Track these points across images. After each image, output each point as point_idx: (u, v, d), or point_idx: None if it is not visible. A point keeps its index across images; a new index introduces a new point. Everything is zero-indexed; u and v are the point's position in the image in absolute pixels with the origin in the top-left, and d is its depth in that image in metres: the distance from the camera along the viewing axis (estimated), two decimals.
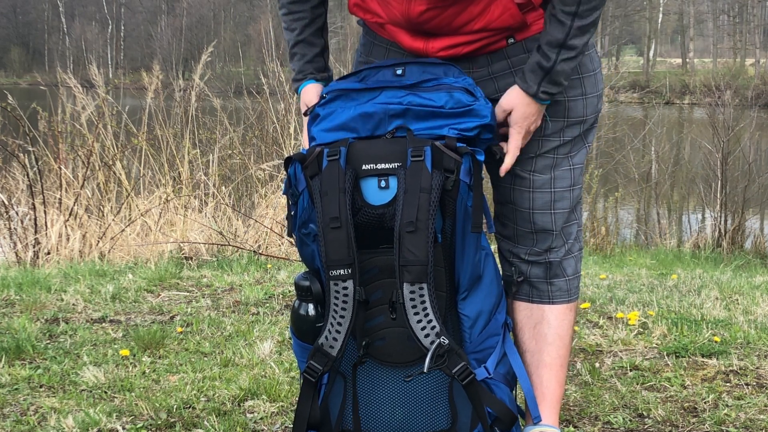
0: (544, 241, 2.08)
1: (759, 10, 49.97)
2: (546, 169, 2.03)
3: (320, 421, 1.99)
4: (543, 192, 2.04)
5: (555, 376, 2.11)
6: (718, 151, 10.04)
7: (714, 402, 2.62)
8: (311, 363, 1.92)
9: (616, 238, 9.51)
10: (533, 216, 2.05)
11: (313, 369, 1.93)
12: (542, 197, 2.04)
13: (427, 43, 1.98)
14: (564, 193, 2.05)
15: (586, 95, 2.02)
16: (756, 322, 3.45)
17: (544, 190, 2.04)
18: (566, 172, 2.05)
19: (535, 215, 2.05)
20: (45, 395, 2.75)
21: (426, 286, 1.84)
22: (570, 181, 2.06)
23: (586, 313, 3.67)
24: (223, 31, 54.84)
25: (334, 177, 1.86)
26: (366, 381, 1.98)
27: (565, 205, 2.06)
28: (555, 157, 2.03)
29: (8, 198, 6.36)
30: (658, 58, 52.43)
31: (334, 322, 1.89)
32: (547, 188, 2.04)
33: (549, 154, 2.03)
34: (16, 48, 58.34)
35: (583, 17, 1.87)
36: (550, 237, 2.07)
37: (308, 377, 1.94)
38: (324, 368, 1.92)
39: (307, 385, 1.95)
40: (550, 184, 2.04)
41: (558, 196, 2.05)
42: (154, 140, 7.05)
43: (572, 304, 2.14)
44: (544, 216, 2.05)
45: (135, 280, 4.40)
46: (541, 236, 2.07)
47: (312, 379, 1.94)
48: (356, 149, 1.91)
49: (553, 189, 2.04)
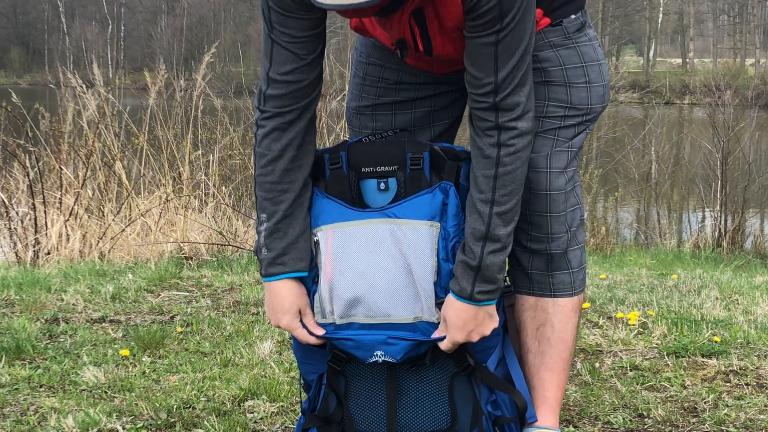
0: (540, 224, 2.04)
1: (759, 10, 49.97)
2: (543, 148, 2.00)
3: (323, 420, 1.99)
4: (539, 171, 2.00)
5: (556, 379, 2.10)
6: (718, 151, 10.04)
7: (714, 402, 2.62)
8: (335, 352, 1.93)
9: (616, 238, 9.50)
10: (529, 196, 2.01)
11: (338, 357, 1.94)
12: (537, 177, 2.01)
13: (431, 66, 2.01)
14: (560, 174, 2.01)
15: (590, 83, 2.00)
16: (756, 322, 3.45)
17: (539, 169, 2.00)
18: (563, 152, 2.02)
19: (530, 195, 2.01)
20: (45, 395, 2.75)
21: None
22: (565, 162, 2.02)
23: (586, 313, 3.67)
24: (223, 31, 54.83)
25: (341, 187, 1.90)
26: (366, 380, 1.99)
27: (560, 185, 2.01)
28: (555, 139, 2.01)
29: (8, 198, 6.36)
30: (658, 58, 52.44)
31: None
32: (543, 167, 2.01)
33: (549, 135, 2.00)
34: (16, 48, 58.36)
35: (501, 204, 1.81)
36: (545, 220, 2.03)
37: (333, 366, 1.95)
38: (348, 356, 1.93)
39: (333, 374, 1.96)
40: (546, 163, 2.01)
41: (553, 176, 2.01)
42: (154, 140, 7.05)
43: (576, 302, 2.11)
44: (539, 197, 2.02)
45: (135, 280, 4.40)
46: (536, 219, 2.03)
47: (337, 368, 1.95)
48: (356, 152, 1.92)
49: (549, 169, 2.01)
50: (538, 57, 1.96)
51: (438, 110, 2.14)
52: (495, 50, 1.73)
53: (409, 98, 2.12)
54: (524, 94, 1.79)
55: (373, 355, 1.84)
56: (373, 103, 2.14)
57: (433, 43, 1.86)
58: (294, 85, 1.86)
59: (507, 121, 1.79)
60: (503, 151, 1.80)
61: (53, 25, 60.44)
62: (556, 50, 1.97)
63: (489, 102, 1.78)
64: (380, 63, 2.12)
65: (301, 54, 1.84)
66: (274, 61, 1.85)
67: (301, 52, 1.84)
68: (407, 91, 2.12)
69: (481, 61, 1.75)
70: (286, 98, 1.87)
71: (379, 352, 1.84)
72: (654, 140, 13.33)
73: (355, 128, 2.19)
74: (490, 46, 1.73)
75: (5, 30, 60.98)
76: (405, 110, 2.13)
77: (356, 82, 2.18)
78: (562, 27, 1.97)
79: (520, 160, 1.82)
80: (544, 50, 1.96)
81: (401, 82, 2.11)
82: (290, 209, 1.88)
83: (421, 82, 2.10)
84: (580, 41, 1.99)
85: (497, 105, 1.78)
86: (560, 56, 1.97)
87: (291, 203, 1.88)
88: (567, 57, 1.97)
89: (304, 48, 1.84)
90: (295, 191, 1.88)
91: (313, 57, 1.86)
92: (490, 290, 1.83)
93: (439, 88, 2.11)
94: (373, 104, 2.14)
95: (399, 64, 2.09)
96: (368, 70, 2.14)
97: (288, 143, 1.88)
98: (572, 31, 1.98)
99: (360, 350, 1.86)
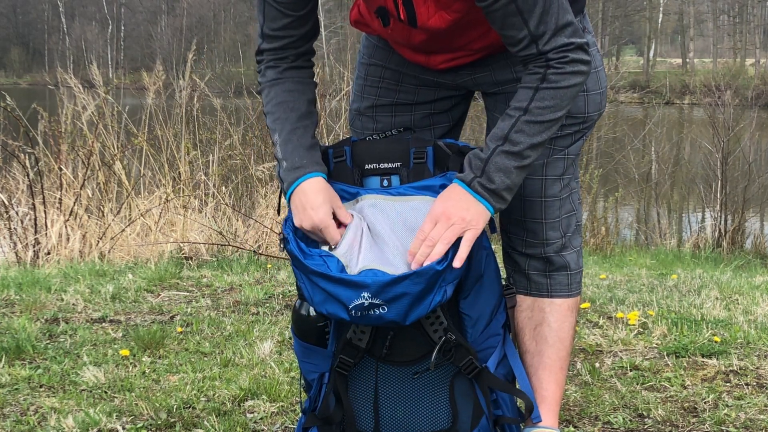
0: (535, 231, 2.05)
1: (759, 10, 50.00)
2: (540, 157, 2.00)
3: (324, 419, 1.99)
4: (534, 179, 2.01)
5: (555, 378, 2.11)
6: (718, 151, 10.04)
7: (714, 402, 2.62)
8: (342, 357, 1.92)
9: (616, 238, 9.50)
10: (524, 203, 2.03)
11: (345, 363, 1.92)
12: (532, 184, 2.02)
13: (428, 58, 2.01)
14: (555, 182, 2.02)
15: (587, 92, 2.01)
16: (756, 322, 3.45)
17: (535, 177, 2.01)
18: (559, 160, 2.03)
19: (525, 202, 2.03)
20: (45, 395, 2.75)
21: None
22: (561, 169, 2.03)
23: (586, 313, 3.67)
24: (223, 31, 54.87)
25: (345, 178, 1.89)
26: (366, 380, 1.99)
27: (555, 191, 2.03)
28: (552, 148, 2.02)
29: (8, 198, 6.36)
30: (658, 58, 52.44)
31: None
32: (539, 175, 2.01)
33: (546, 144, 2.01)
34: (16, 48, 58.39)
35: (534, 114, 1.75)
36: (540, 226, 2.05)
37: (341, 371, 1.93)
38: (355, 360, 1.91)
39: (340, 378, 1.95)
40: (541, 171, 2.01)
41: (549, 183, 2.02)
42: (154, 140, 7.06)
43: (573, 302, 2.12)
44: (533, 204, 2.03)
45: (135, 280, 4.40)
46: (531, 225, 2.05)
47: (345, 373, 1.93)
48: (360, 148, 1.92)
49: (545, 176, 2.02)
50: None
51: (438, 113, 2.14)
52: (516, 6, 1.71)
53: (409, 101, 2.13)
54: (567, 35, 1.75)
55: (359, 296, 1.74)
56: (374, 104, 2.15)
57: (417, 11, 1.84)
58: (287, 39, 1.94)
59: (556, 54, 1.75)
60: (552, 71, 1.76)
61: (53, 25, 60.46)
62: None
63: (533, 53, 1.75)
64: (381, 64, 2.13)
65: (289, 11, 1.90)
66: (267, 17, 1.92)
67: (289, 10, 1.90)
68: (407, 93, 2.12)
69: (509, 20, 1.73)
70: (280, 51, 1.95)
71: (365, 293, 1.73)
72: (654, 140, 13.33)
73: (357, 129, 2.20)
74: (510, 4, 1.71)
75: (5, 30, 61.00)
76: (405, 112, 2.14)
77: (358, 83, 2.19)
78: None
79: (569, 81, 1.75)
80: None
81: (402, 83, 2.12)
82: (298, 123, 1.91)
83: (422, 84, 2.10)
84: None
85: (541, 51, 1.74)
86: None
87: (296, 120, 1.91)
88: None
89: (293, 5, 1.90)
90: (298, 110, 1.92)
91: (303, 13, 1.91)
92: (489, 188, 1.76)
93: (438, 93, 2.11)
94: (374, 105, 2.15)
95: (400, 65, 2.10)
96: (370, 70, 2.15)
97: (286, 68, 1.96)
98: None
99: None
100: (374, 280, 1.70)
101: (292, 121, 1.91)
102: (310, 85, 1.98)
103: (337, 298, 1.72)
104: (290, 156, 1.87)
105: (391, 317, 1.72)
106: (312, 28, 1.95)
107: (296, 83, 1.95)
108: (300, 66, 1.97)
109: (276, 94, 1.95)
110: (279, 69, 1.96)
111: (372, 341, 1.91)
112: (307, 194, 1.84)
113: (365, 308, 1.71)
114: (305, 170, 1.86)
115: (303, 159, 1.87)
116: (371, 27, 2.01)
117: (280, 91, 1.94)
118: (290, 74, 1.96)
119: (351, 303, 1.71)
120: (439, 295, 1.73)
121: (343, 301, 1.71)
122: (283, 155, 1.88)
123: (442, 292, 1.74)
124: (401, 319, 1.72)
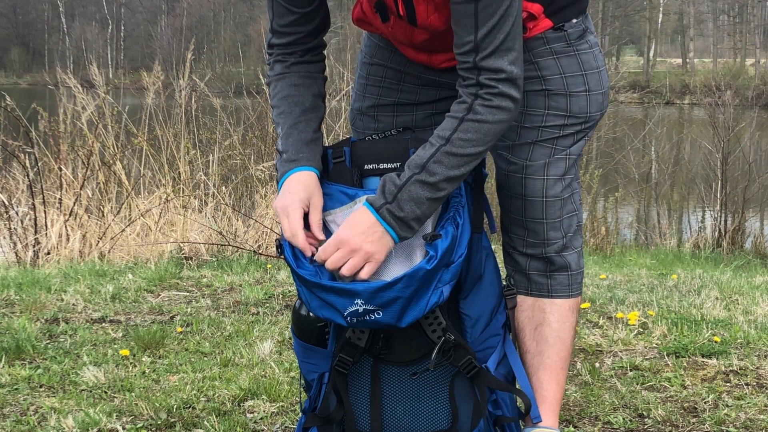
0: (536, 231, 2.05)
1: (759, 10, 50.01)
2: (542, 156, 2.01)
3: (324, 419, 1.99)
4: (535, 179, 2.02)
5: (555, 378, 2.11)
6: (718, 151, 10.04)
7: (714, 402, 2.62)
8: (341, 356, 1.92)
9: (616, 238, 9.50)
10: (525, 203, 2.03)
11: (344, 361, 1.92)
12: (534, 184, 2.02)
13: (431, 58, 2.01)
14: (557, 182, 2.03)
15: (590, 92, 2.01)
16: (756, 322, 3.45)
17: (536, 177, 2.02)
18: (561, 161, 2.03)
19: (526, 202, 2.03)
20: (45, 395, 2.75)
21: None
22: (563, 170, 2.03)
23: (586, 313, 3.67)
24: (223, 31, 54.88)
25: (344, 179, 1.89)
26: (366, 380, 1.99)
27: (556, 192, 2.03)
28: (554, 147, 2.02)
29: (8, 198, 6.36)
30: (658, 58, 52.45)
31: None
32: (540, 175, 2.02)
33: (547, 144, 2.01)
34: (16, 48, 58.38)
35: (455, 145, 1.75)
36: (541, 226, 2.05)
37: (340, 370, 1.94)
38: (354, 359, 1.92)
39: (339, 377, 1.95)
40: (543, 171, 2.02)
41: (550, 183, 2.02)
42: (154, 140, 7.05)
43: (573, 302, 2.12)
44: (535, 204, 2.03)
45: (135, 280, 4.40)
46: (532, 225, 2.05)
47: (344, 372, 1.94)
48: (359, 149, 1.92)
49: (546, 176, 2.02)
50: (539, 65, 1.97)
51: (439, 113, 2.14)
52: (475, 8, 1.72)
53: (411, 101, 2.13)
54: (508, 61, 1.75)
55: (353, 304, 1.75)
56: (375, 104, 2.15)
57: (417, 9, 1.86)
58: (294, 35, 1.97)
59: (488, 80, 1.76)
60: (479, 102, 1.76)
61: (53, 25, 60.46)
62: (556, 58, 1.97)
63: (470, 62, 1.76)
64: (383, 63, 2.12)
65: (295, 8, 1.93)
66: (275, 13, 1.96)
67: (295, 7, 1.93)
68: (409, 93, 2.12)
69: (463, 20, 1.74)
70: (288, 46, 1.98)
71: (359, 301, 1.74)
72: (654, 140, 13.32)
73: (358, 129, 2.20)
74: (470, 3, 1.72)
75: (5, 30, 60.99)
76: (406, 112, 2.14)
77: (360, 83, 2.19)
78: (564, 33, 1.97)
79: (494, 116, 1.76)
80: (545, 57, 1.97)
81: (403, 82, 2.11)
82: (301, 117, 1.93)
83: (423, 84, 2.10)
84: (580, 48, 1.99)
85: (477, 65, 1.75)
86: (560, 65, 1.98)
87: (300, 114, 1.94)
88: (567, 65, 1.98)
89: (298, 2, 1.92)
90: (302, 105, 1.95)
91: (309, 10, 1.94)
92: (397, 216, 1.74)
93: (440, 93, 2.11)
94: (375, 105, 2.15)
95: (401, 64, 2.10)
96: (371, 70, 2.15)
97: (294, 63, 1.99)
98: (574, 38, 1.98)
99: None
100: (365, 287, 1.73)
101: (296, 115, 1.94)
102: (317, 80, 2.00)
103: (332, 305, 1.75)
104: (289, 149, 1.91)
105: (386, 321, 1.75)
106: (320, 24, 1.98)
107: (302, 77, 1.98)
108: (308, 61, 1.99)
109: (282, 88, 1.97)
110: (286, 63, 1.98)
111: (371, 341, 1.91)
112: (291, 183, 1.87)
113: (360, 314, 1.74)
114: (298, 164, 1.89)
115: (299, 153, 1.90)
116: (373, 25, 2.01)
117: (286, 86, 1.97)
118: (297, 69, 1.98)
119: (345, 310, 1.74)
120: (435, 297, 1.75)
121: (337, 308, 1.74)
122: (283, 147, 1.92)
123: (439, 293, 1.76)
124: (397, 323, 1.75)
